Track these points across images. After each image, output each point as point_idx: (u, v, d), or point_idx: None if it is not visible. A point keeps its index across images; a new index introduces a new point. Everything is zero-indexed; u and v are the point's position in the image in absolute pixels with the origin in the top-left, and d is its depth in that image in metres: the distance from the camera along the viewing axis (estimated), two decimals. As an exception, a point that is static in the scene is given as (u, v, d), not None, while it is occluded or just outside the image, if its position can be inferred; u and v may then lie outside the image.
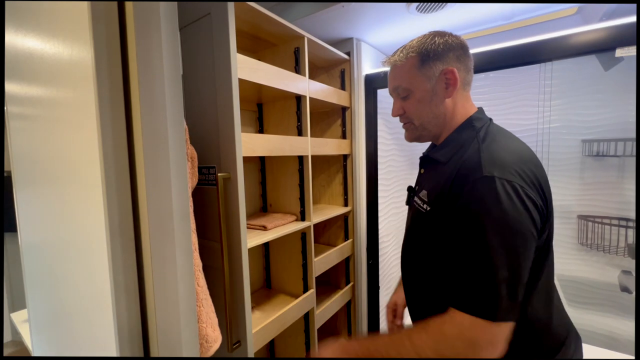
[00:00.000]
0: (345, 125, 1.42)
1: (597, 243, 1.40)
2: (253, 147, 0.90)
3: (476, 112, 0.74)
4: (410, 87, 0.72)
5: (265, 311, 1.12)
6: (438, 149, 0.75)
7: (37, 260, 0.76)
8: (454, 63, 0.70)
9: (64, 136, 0.55)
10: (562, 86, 1.46)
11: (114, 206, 0.45)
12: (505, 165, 0.58)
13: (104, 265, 0.45)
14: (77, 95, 0.49)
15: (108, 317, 0.46)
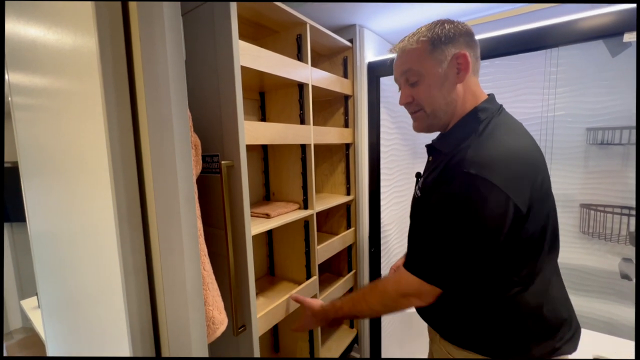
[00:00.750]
0: (347, 114, 1.42)
1: (598, 231, 1.40)
2: (256, 136, 0.90)
3: (484, 100, 0.73)
4: (421, 71, 0.71)
5: (269, 297, 1.14)
6: (441, 138, 0.76)
7: (46, 248, 0.77)
8: (465, 48, 0.69)
9: (70, 125, 0.55)
10: (568, 73, 1.44)
11: (122, 192, 0.46)
12: (486, 163, 0.61)
13: (113, 250, 0.46)
14: (82, 84, 0.49)
15: (118, 301, 0.47)
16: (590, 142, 1.45)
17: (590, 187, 1.49)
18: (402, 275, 0.71)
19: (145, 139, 0.48)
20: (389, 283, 0.74)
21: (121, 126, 0.47)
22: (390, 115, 1.61)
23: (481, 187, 0.59)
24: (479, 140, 0.66)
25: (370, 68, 1.37)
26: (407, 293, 0.70)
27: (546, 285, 0.69)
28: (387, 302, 0.74)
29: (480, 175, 0.59)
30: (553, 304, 0.69)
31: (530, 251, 0.66)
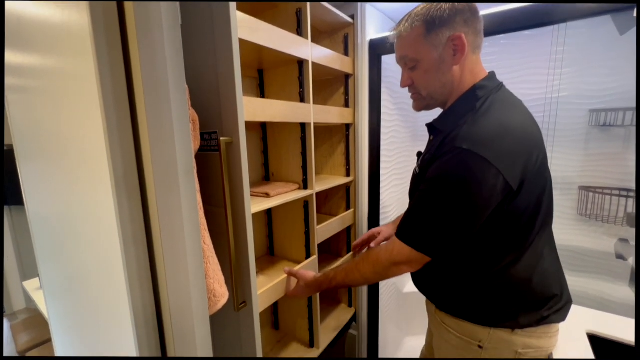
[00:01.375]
0: (348, 94, 1.39)
1: (596, 213, 1.41)
2: (255, 112, 0.88)
3: (483, 78, 0.73)
4: (417, 57, 0.72)
5: (269, 276, 1.15)
6: (440, 117, 0.78)
7: (46, 229, 0.77)
8: (462, 28, 0.68)
9: (64, 105, 0.53)
10: (574, 53, 1.41)
11: (119, 163, 0.45)
12: (479, 138, 0.62)
13: (112, 223, 0.46)
14: (76, 62, 0.47)
15: (119, 274, 0.47)
16: (592, 123, 1.44)
17: (590, 169, 1.49)
18: (395, 245, 0.74)
19: (142, 111, 0.47)
20: (381, 252, 0.77)
21: (117, 99, 0.46)
22: (391, 95, 1.58)
23: (470, 161, 0.61)
24: (475, 117, 0.67)
25: (372, 46, 1.33)
26: (399, 261, 0.74)
27: (537, 258, 0.71)
28: (379, 270, 0.78)
29: (471, 150, 0.61)
30: (544, 277, 0.72)
31: (523, 225, 0.68)
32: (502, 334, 0.72)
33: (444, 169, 0.65)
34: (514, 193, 0.64)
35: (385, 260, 0.75)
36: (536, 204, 0.68)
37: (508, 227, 0.68)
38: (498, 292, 0.72)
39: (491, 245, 0.69)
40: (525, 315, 0.71)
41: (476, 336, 0.74)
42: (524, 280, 0.70)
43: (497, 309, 0.72)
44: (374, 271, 0.78)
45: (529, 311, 0.71)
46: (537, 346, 0.72)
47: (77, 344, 0.77)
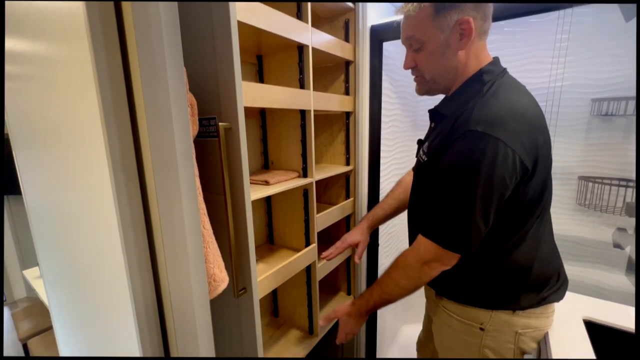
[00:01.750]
0: (348, 81, 1.37)
1: (594, 203, 1.41)
2: (254, 97, 0.87)
3: (489, 63, 0.72)
4: (423, 39, 0.70)
5: (268, 263, 1.16)
6: (445, 102, 0.76)
7: (44, 218, 0.76)
8: (470, 12, 0.67)
9: (58, 91, 0.52)
10: (579, 40, 1.39)
11: (115, 144, 0.44)
12: (492, 120, 0.60)
13: (110, 206, 0.45)
14: (70, 47, 0.45)
15: (118, 258, 0.47)
16: (594, 113, 1.43)
17: (590, 159, 1.48)
18: (420, 243, 0.71)
19: (138, 92, 0.45)
20: (408, 255, 0.74)
21: (113, 81, 0.44)
22: (392, 84, 1.56)
23: (488, 144, 0.59)
24: (483, 99, 0.65)
25: (373, 32, 1.31)
26: (428, 260, 0.70)
27: (538, 242, 0.72)
28: (410, 274, 0.73)
29: (486, 132, 0.59)
30: (543, 260, 0.73)
31: (528, 208, 0.68)
32: (503, 316, 0.73)
33: (459, 155, 0.63)
34: (529, 174, 0.63)
35: (413, 261, 0.72)
36: (542, 187, 0.68)
37: (515, 211, 0.67)
38: (501, 276, 0.73)
39: (496, 230, 0.69)
40: (527, 296, 0.72)
41: (478, 319, 0.76)
42: (526, 263, 0.71)
43: (499, 292, 0.73)
44: (406, 276, 0.74)
45: (530, 293, 0.73)
46: (535, 326, 0.75)
47: (78, 330, 0.77)
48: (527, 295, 0.72)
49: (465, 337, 0.79)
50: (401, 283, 0.75)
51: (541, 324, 0.76)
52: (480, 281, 0.75)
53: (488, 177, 0.60)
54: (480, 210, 0.62)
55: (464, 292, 0.78)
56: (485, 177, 0.60)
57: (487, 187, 0.61)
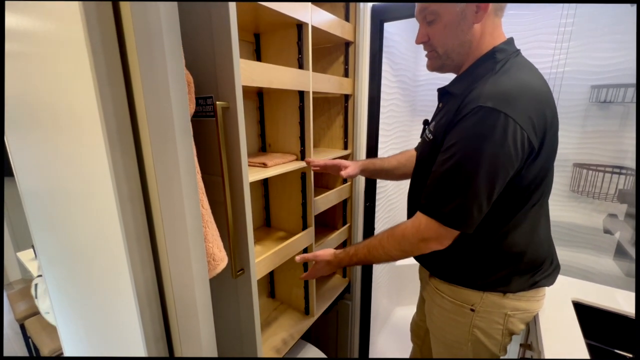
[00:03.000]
0: (348, 63, 1.34)
1: (587, 190, 1.44)
2: (252, 76, 0.84)
3: (503, 42, 0.71)
4: (438, 10, 0.69)
5: (265, 246, 1.16)
6: (455, 81, 0.75)
7: (38, 198, 0.74)
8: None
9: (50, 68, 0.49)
10: (583, 25, 1.37)
11: (111, 118, 0.42)
12: (502, 97, 0.60)
13: (107, 180, 0.44)
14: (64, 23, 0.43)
15: (116, 234, 0.46)
16: (592, 100, 1.43)
17: (586, 147, 1.50)
18: (420, 220, 0.70)
19: (134, 64, 0.43)
20: (407, 229, 0.72)
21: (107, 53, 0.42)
22: (392, 67, 1.53)
23: (498, 120, 0.58)
24: (496, 76, 0.64)
25: (374, 12, 1.27)
26: (427, 237, 0.69)
27: (535, 226, 0.73)
28: (405, 248, 0.73)
29: (496, 108, 0.58)
30: (537, 245, 0.74)
31: (530, 192, 0.68)
32: (494, 298, 0.75)
33: (468, 131, 0.62)
34: (534, 155, 0.63)
35: (411, 237, 0.71)
36: (544, 172, 0.68)
37: (514, 192, 0.67)
38: (494, 258, 0.74)
39: (493, 211, 0.68)
40: (518, 280, 0.74)
41: (469, 300, 0.77)
42: (521, 246, 0.72)
43: (492, 274, 0.74)
44: (400, 249, 0.74)
45: (522, 276, 0.74)
46: (525, 309, 0.76)
47: (77, 309, 0.77)
48: (519, 278, 0.74)
49: (456, 317, 0.81)
50: (392, 253, 0.76)
51: (531, 307, 0.78)
52: (473, 262, 0.76)
53: (495, 154, 0.59)
54: (485, 187, 0.62)
55: (457, 273, 0.79)
56: (493, 153, 0.59)
57: (493, 164, 0.60)
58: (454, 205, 0.64)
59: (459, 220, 0.65)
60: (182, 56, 0.47)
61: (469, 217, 0.64)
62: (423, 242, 0.70)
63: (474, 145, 0.61)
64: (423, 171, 0.79)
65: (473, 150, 0.61)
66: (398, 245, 0.74)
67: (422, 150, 0.80)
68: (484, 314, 0.77)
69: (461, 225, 0.65)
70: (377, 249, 0.78)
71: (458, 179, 0.63)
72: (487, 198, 0.63)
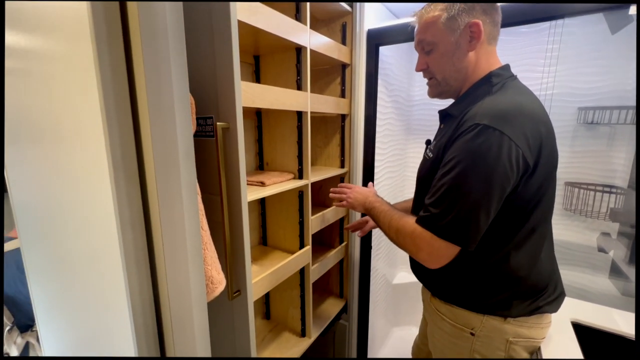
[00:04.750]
0: (344, 84, 1.38)
1: (580, 208, 1.46)
2: (252, 98, 0.86)
3: (499, 67, 0.75)
4: (434, 40, 0.74)
5: (262, 265, 1.15)
6: (455, 103, 0.79)
7: (32, 214, 0.73)
8: (480, 16, 0.70)
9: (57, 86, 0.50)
10: (568, 50, 1.44)
11: (116, 143, 0.43)
12: (498, 115, 0.62)
13: (109, 205, 0.44)
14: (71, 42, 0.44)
15: (115, 258, 0.46)
16: (580, 121, 1.48)
17: (576, 166, 1.53)
18: (416, 228, 0.70)
19: (141, 89, 0.44)
20: (407, 239, 0.73)
21: (115, 77, 0.43)
22: (387, 88, 1.57)
23: (492, 137, 0.61)
24: (492, 96, 0.68)
25: (369, 36, 1.32)
26: (420, 247, 0.70)
27: (538, 248, 0.72)
28: (400, 241, 0.76)
29: (492, 126, 0.61)
30: (540, 269, 0.73)
31: (527, 212, 0.69)
32: (494, 322, 0.73)
33: (464, 147, 0.63)
34: (529, 173, 0.64)
35: (408, 238, 0.72)
36: (543, 189, 0.68)
37: (513, 210, 0.67)
38: (495, 279, 0.72)
39: (493, 230, 0.68)
40: (519, 304, 0.72)
41: (469, 323, 0.76)
42: (522, 268, 0.71)
43: (491, 296, 0.73)
44: (397, 238, 0.77)
45: (523, 300, 0.72)
46: (528, 336, 0.74)
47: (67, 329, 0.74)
48: (520, 303, 0.72)
49: (457, 341, 0.79)
50: (390, 234, 0.80)
51: (534, 334, 0.75)
52: (473, 283, 0.75)
53: (491, 169, 0.61)
54: (481, 202, 0.62)
55: (457, 293, 0.78)
56: (488, 169, 0.61)
57: (489, 179, 0.61)
58: (449, 218, 0.64)
59: (453, 234, 0.65)
60: (187, 81, 0.48)
61: (464, 231, 0.64)
62: (415, 247, 0.71)
63: (470, 161, 0.62)
64: (424, 189, 0.80)
65: (469, 165, 0.62)
66: (398, 229, 0.77)
67: (423, 168, 0.82)
68: (485, 339, 0.75)
69: (455, 239, 0.65)
70: (390, 219, 0.81)
71: (454, 193, 0.64)
72: (484, 213, 0.63)
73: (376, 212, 0.87)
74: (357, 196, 0.98)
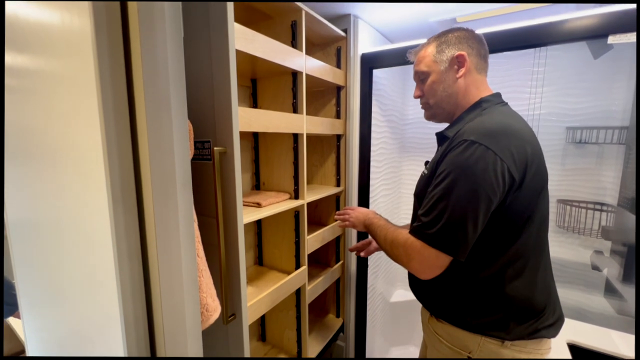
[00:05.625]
0: (339, 105, 1.41)
1: (572, 226, 1.48)
2: (249, 122, 0.88)
3: (490, 95, 0.83)
4: (427, 71, 0.84)
5: (257, 287, 1.14)
6: (449, 127, 0.86)
7: (27, 236, 0.72)
8: (466, 49, 0.80)
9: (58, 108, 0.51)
10: (553, 73, 1.50)
11: (116, 176, 0.44)
12: (485, 132, 0.69)
13: (106, 235, 0.44)
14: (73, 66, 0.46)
15: (111, 288, 0.46)
16: (569, 140, 1.52)
17: (567, 183, 1.56)
18: (408, 237, 0.75)
19: (142, 120, 0.46)
20: (401, 234, 0.78)
21: (117, 109, 0.45)
22: (381, 108, 1.61)
23: (477, 150, 0.66)
24: (480, 117, 0.75)
25: (363, 59, 1.36)
26: (411, 256, 0.73)
27: (533, 266, 0.73)
28: (395, 252, 0.80)
29: (477, 141, 0.67)
30: (538, 286, 0.74)
31: (520, 225, 0.71)
32: (491, 346, 0.73)
33: (452, 161, 0.69)
34: (515, 187, 0.67)
35: (402, 247, 0.76)
36: (532, 207, 0.70)
37: (503, 225, 0.70)
38: (489, 298, 0.73)
39: (487, 247, 0.71)
40: (516, 327, 0.72)
41: (466, 346, 0.75)
42: (516, 288, 0.72)
43: (486, 315, 0.73)
44: (394, 257, 0.81)
45: (520, 322, 0.72)
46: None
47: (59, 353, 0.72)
48: (517, 325, 0.72)
49: None
50: (387, 254, 0.84)
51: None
52: (468, 298, 0.75)
53: (477, 180, 0.65)
54: (468, 211, 0.66)
55: (452, 309, 0.77)
56: (475, 180, 0.65)
57: (476, 189, 0.66)
58: (438, 226, 0.69)
59: (442, 242, 0.69)
60: (186, 111, 0.50)
61: (452, 239, 0.68)
62: (407, 256, 0.75)
63: (457, 173, 0.68)
64: (420, 204, 0.81)
65: (457, 177, 0.68)
66: (392, 242, 0.81)
67: (419, 185, 0.86)
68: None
69: (444, 247, 0.69)
70: (386, 233, 0.86)
71: (443, 202, 0.69)
72: (471, 222, 0.67)
73: (374, 227, 0.93)
74: (358, 215, 1.04)
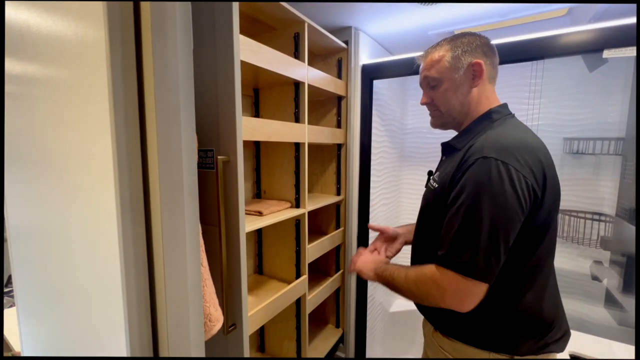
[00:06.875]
0: (340, 115, 1.43)
1: (572, 236, 1.49)
2: (252, 132, 0.89)
3: (498, 105, 0.80)
4: (440, 77, 0.79)
5: (257, 296, 1.13)
6: (457, 137, 0.82)
7: (28, 243, 0.72)
8: (481, 57, 0.76)
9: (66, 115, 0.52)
10: (550, 85, 1.52)
11: (125, 185, 0.44)
12: (503, 149, 0.65)
13: (113, 244, 0.44)
14: (84, 75, 0.46)
15: (116, 296, 0.45)
16: (566, 150, 1.54)
17: (565, 193, 1.57)
18: (435, 271, 0.68)
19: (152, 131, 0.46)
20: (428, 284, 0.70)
21: (127, 118, 0.45)
22: (381, 117, 1.63)
23: (501, 168, 0.63)
24: (493, 131, 0.72)
25: (364, 70, 1.39)
26: (444, 288, 0.66)
27: (544, 282, 0.72)
28: (422, 290, 0.71)
29: (498, 158, 0.63)
30: (549, 304, 0.73)
31: (535, 243, 0.69)
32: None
33: (474, 180, 0.65)
34: (538, 203, 0.66)
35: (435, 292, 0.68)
36: (549, 222, 0.69)
37: (521, 246, 0.68)
38: (499, 315, 0.71)
39: (502, 266, 0.66)
40: (526, 342, 0.70)
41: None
42: (528, 304, 0.70)
43: (498, 331, 0.72)
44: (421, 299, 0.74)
45: (530, 337, 0.71)
46: None
47: None
48: (526, 340, 0.71)
49: None
50: (410, 287, 0.74)
51: None
52: (478, 317, 0.72)
53: (505, 200, 0.62)
54: (498, 235, 0.63)
55: (461, 327, 0.76)
56: (502, 200, 0.62)
57: (504, 209, 0.62)
58: (469, 254, 0.63)
59: (477, 269, 0.63)
60: (194, 123, 0.51)
61: (486, 266, 0.63)
62: (439, 290, 0.67)
63: (483, 194, 0.63)
64: (427, 218, 0.81)
65: (482, 198, 0.63)
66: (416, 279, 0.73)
67: (427, 198, 0.83)
68: None
69: (480, 274, 0.63)
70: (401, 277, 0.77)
71: (471, 227, 0.64)
72: (502, 246, 0.63)
73: (389, 272, 0.81)
74: (366, 261, 0.93)
